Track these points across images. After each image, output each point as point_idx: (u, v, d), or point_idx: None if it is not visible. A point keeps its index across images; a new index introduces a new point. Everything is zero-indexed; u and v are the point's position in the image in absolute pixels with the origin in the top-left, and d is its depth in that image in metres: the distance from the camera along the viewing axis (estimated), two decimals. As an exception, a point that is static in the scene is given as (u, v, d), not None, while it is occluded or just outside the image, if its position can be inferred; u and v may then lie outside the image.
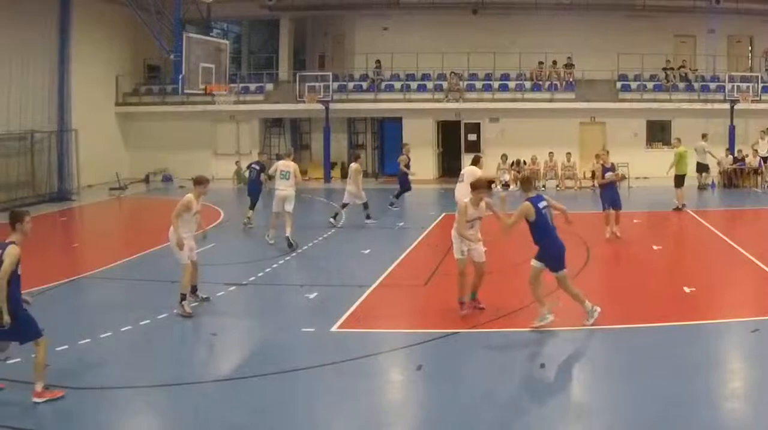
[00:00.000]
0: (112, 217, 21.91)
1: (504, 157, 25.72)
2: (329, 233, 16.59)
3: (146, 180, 28.44)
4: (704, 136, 24.05)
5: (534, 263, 9.16)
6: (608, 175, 15.35)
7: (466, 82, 27.98)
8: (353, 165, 18.22)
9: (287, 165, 14.80)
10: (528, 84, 28.11)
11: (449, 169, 28.66)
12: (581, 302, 9.22)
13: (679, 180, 19.51)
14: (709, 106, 26.64)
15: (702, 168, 23.76)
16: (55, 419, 6.85)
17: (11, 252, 7.01)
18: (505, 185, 25.09)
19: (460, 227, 9.55)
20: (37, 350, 7.21)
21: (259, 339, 9.46)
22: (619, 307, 10.55)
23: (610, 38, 27.53)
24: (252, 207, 17.44)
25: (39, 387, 7.11)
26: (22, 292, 7.26)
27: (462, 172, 15.66)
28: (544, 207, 9.09)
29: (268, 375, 7.86)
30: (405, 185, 20.69)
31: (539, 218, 8.94)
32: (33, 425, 6.69)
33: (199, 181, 10.39)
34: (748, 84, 25.85)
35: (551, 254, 9.04)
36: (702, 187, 24.10)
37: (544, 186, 25.46)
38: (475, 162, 15.11)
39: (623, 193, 23.82)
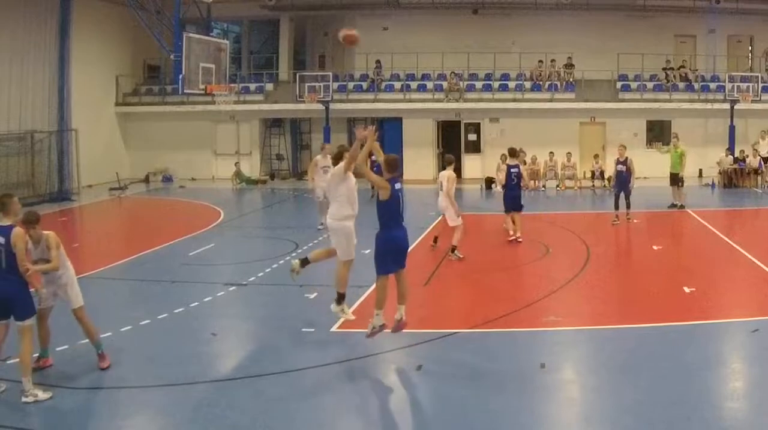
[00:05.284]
0: (112, 217, 21.89)
1: (504, 157, 25.64)
2: (329, 233, 16.52)
3: (146, 180, 28.46)
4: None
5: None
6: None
7: (466, 82, 27.97)
8: None
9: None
10: (528, 84, 28.09)
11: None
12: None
13: (678, 179, 19.55)
14: (709, 106, 26.65)
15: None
16: (55, 419, 6.85)
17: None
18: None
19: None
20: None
21: (259, 339, 9.45)
22: (619, 307, 10.58)
23: (610, 38, 27.54)
24: None
25: None
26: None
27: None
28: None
29: (268, 375, 7.86)
30: None
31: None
32: (33, 425, 6.69)
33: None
34: (748, 84, 25.83)
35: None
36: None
37: (544, 186, 25.48)
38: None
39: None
